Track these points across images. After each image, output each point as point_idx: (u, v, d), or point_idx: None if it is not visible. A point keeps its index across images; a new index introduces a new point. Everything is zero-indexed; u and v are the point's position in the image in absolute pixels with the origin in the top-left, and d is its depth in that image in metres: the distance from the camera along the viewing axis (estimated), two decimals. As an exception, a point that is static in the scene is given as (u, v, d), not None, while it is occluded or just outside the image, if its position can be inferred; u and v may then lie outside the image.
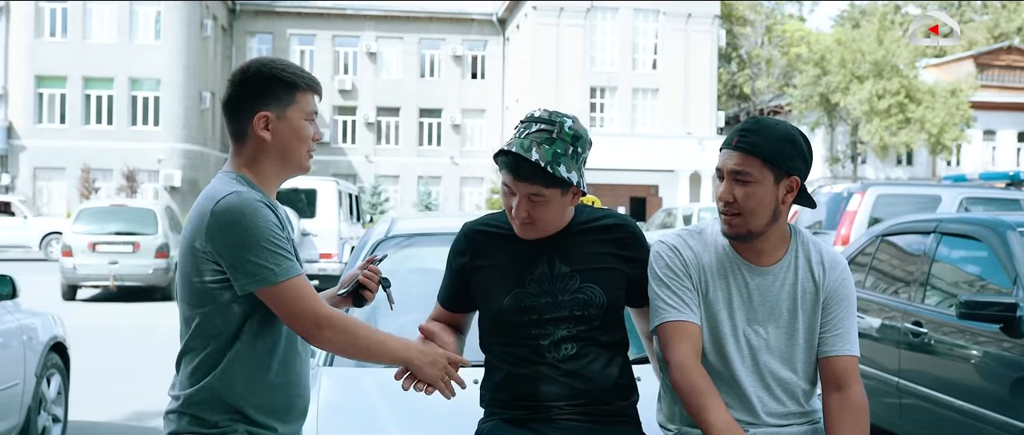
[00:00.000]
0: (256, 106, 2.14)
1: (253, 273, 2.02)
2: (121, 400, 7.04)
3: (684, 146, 35.22)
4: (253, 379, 2.09)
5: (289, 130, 2.16)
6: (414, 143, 41.42)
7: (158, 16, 35.38)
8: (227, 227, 2.02)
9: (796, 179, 2.25)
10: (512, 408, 2.33)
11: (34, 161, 35.07)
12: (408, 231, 3.79)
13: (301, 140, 2.18)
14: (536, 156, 2.15)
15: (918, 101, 34.46)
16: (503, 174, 2.23)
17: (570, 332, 2.29)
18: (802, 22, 54.83)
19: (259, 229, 2.03)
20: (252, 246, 2.01)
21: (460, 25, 41.77)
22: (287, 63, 2.20)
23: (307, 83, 2.18)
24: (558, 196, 2.23)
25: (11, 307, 5.15)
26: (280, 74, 2.15)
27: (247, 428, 2.09)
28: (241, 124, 2.15)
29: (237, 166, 2.17)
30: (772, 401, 2.31)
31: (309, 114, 2.19)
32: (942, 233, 5.20)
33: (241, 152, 2.17)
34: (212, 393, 2.07)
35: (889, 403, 5.08)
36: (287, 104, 2.15)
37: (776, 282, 2.32)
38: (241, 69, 2.17)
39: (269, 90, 2.14)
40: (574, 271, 2.30)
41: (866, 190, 10.11)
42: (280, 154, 2.17)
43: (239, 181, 2.12)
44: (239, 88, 2.16)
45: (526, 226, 2.27)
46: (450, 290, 2.44)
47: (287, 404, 2.17)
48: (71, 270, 14.08)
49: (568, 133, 2.20)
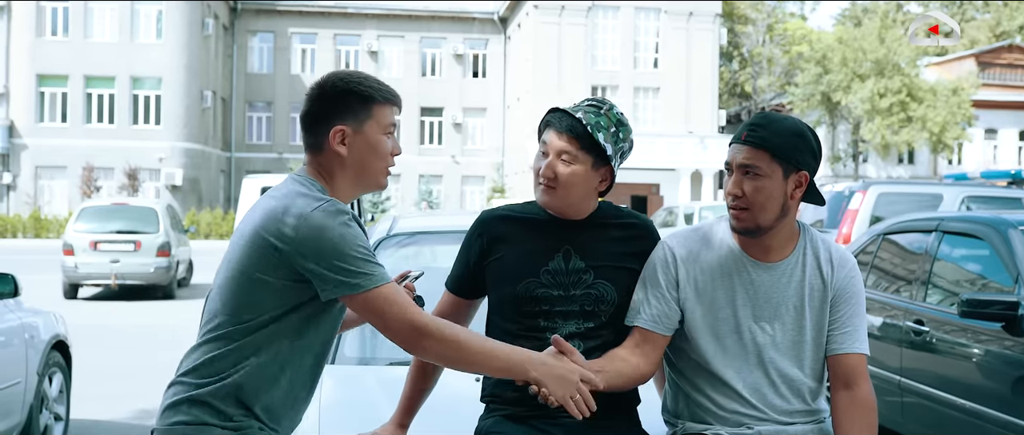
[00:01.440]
0: (333, 120, 2.11)
1: (345, 280, 2.00)
2: (123, 399, 7.04)
3: (685, 145, 35.21)
4: (276, 384, 2.08)
5: (366, 145, 2.12)
6: (415, 142, 41.43)
7: (159, 15, 35.41)
8: (321, 231, 1.99)
9: (805, 174, 2.26)
10: (513, 404, 2.32)
11: (36, 160, 35.10)
12: (410, 230, 3.79)
13: (379, 155, 2.14)
14: (580, 116, 2.27)
15: (920, 100, 34.44)
16: (545, 135, 2.30)
17: (578, 328, 2.30)
18: (804, 21, 54.80)
19: (353, 236, 2.01)
20: (345, 254, 1.99)
21: (461, 24, 41.77)
22: (364, 76, 2.16)
23: (384, 96, 2.14)
24: (589, 166, 2.27)
25: (13, 305, 5.15)
26: (356, 87, 2.12)
27: (259, 426, 2.08)
28: (318, 138, 2.12)
29: (313, 175, 2.15)
30: (777, 398, 2.31)
31: (387, 128, 2.14)
32: (944, 232, 5.20)
33: (317, 164, 2.15)
34: (234, 388, 2.05)
35: (891, 402, 5.07)
36: (364, 118, 2.11)
37: (783, 278, 2.32)
38: (318, 83, 2.14)
39: (346, 104, 2.11)
40: (589, 267, 2.32)
41: (867, 189, 10.11)
42: (356, 169, 2.14)
43: (319, 190, 2.10)
44: (316, 102, 2.13)
45: (548, 190, 2.29)
46: (461, 274, 2.44)
47: (292, 415, 2.16)
48: (72, 269, 14.08)
49: (614, 115, 2.31)
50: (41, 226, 32.46)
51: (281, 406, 2.12)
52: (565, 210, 2.33)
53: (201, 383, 2.05)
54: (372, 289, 2.00)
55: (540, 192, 2.32)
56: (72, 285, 14.38)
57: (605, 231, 2.36)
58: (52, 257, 17.42)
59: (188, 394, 2.06)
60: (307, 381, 2.17)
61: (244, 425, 2.06)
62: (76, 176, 34.29)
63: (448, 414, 2.57)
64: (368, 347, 3.30)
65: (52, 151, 34.85)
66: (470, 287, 2.44)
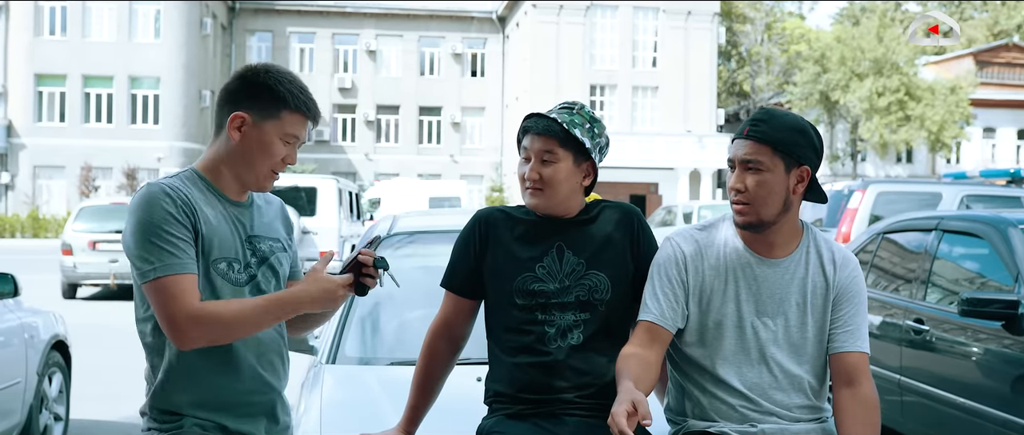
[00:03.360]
0: (240, 105, 2.11)
1: (136, 265, 2.00)
2: (122, 398, 7.03)
3: (684, 144, 35.22)
4: (194, 380, 2.08)
5: (258, 140, 2.09)
6: (414, 141, 41.42)
7: (158, 14, 35.38)
8: (129, 216, 2.02)
9: (806, 169, 2.27)
10: (516, 402, 2.33)
11: (34, 159, 35.07)
12: (410, 229, 3.79)
13: (266, 155, 2.10)
14: (555, 116, 2.35)
15: (918, 99, 34.46)
16: (524, 141, 2.37)
17: (577, 318, 2.33)
18: (802, 20, 54.80)
19: (153, 222, 1.98)
20: (140, 239, 1.98)
21: (460, 23, 41.75)
22: (291, 79, 2.13)
23: (298, 105, 2.11)
24: (570, 162, 2.33)
25: (13, 305, 5.15)
26: (275, 85, 2.10)
27: (194, 421, 2.09)
28: (222, 118, 2.13)
29: (200, 162, 2.16)
30: (780, 393, 2.32)
31: (288, 136, 2.11)
32: (943, 230, 5.20)
33: (213, 149, 2.15)
34: (163, 399, 2.10)
35: (891, 401, 5.07)
36: (269, 116, 2.10)
37: (786, 275, 2.33)
38: (247, 66, 2.15)
39: (258, 95, 2.10)
40: (582, 259, 2.36)
41: (867, 188, 10.13)
42: (241, 161, 2.11)
43: (181, 175, 2.11)
44: (235, 82, 2.14)
45: (535, 192, 2.35)
46: (461, 273, 2.45)
47: (235, 401, 2.13)
48: (71, 268, 14.06)
49: (586, 113, 2.40)
50: (39, 226, 32.43)
51: (218, 396, 2.11)
52: (554, 209, 2.38)
53: (145, 403, 2.14)
54: (153, 280, 1.97)
55: (528, 196, 2.38)
56: (71, 285, 14.37)
57: (593, 223, 2.40)
58: (50, 257, 17.41)
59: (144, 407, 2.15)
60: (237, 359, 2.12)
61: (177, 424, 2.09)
62: (74, 176, 34.26)
63: (451, 415, 2.58)
64: (369, 347, 3.31)
65: (50, 151, 34.82)
66: (471, 286, 2.45)
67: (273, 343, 2.21)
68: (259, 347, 2.17)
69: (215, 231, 2.09)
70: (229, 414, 2.12)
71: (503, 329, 2.37)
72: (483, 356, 2.51)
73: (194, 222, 2.04)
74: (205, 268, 2.07)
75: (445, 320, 2.47)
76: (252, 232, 2.19)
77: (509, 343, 2.36)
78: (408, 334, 3.26)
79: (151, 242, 1.97)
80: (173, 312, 1.96)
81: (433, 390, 2.48)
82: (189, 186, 2.09)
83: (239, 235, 2.15)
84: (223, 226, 2.12)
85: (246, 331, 2.06)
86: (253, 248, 2.17)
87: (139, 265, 1.99)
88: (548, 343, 2.32)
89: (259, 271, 2.17)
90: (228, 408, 2.12)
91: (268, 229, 2.24)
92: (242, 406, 2.14)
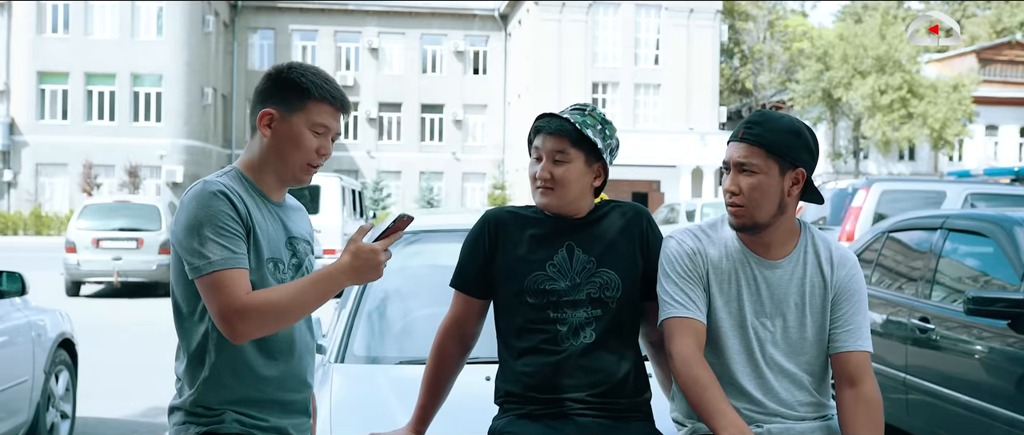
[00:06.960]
0: (267, 103, 2.15)
1: (189, 259, 2.01)
2: (127, 396, 7.05)
3: (686, 141, 35.19)
4: (239, 377, 2.10)
5: (288, 134, 2.13)
6: (416, 139, 41.42)
7: (160, 12, 35.37)
8: (181, 211, 2.04)
9: (802, 171, 2.28)
10: (527, 402, 2.33)
11: (36, 157, 35.09)
12: (413, 228, 3.79)
13: (299, 148, 2.13)
14: (567, 116, 2.37)
15: (920, 96, 34.42)
16: (536, 141, 2.37)
17: (589, 314, 2.33)
18: (804, 17, 54.74)
19: (209, 216, 2.00)
20: (194, 233, 2.00)
21: (462, 20, 41.73)
22: (315, 72, 2.16)
23: (323, 93, 2.14)
24: (581, 162, 2.35)
25: (20, 304, 5.16)
26: (299, 79, 2.14)
27: (234, 416, 2.10)
28: (254, 118, 2.17)
29: (241, 161, 2.19)
30: (781, 392, 2.33)
31: (316, 125, 2.14)
32: (949, 229, 5.21)
33: (250, 149, 2.19)
34: (204, 397, 2.10)
35: (896, 399, 5.08)
36: (296, 109, 2.13)
37: (785, 276, 2.34)
38: (274, 66, 2.19)
39: (284, 91, 2.14)
40: (592, 257, 2.36)
41: (871, 186, 10.10)
42: (276, 156, 2.15)
43: (229, 173, 2.14)
44: (263, 83, 2.18)
45: (546, 191, 2.35)
46: (470, 273, 2.45)
47: (276, 399, 2.16)
48: (75, 266, 14.10)
49: (598, 115, 2.41)
50: (42, 223, 32.48)
51: (263, 393, 2.13)
52: (564, 209, 2.38)
53: (182, 399, 2.14)
54: (209, 274, 1.98)
55: (539, 195, 2.38)
56: (74, 283, 14.41)
57: (603, 222, 2.41)
58: (53, 254, 17.43)
59: (177, 402, 2.15)
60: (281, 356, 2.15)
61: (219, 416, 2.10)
62: (77, 173, 34.28)
63: (460, 415, 2.58)
64: (377, 346, 3.31)
65: (53, 148, 34.84)
66: (480, 286, 2.45)
67: (308, 343, 2.25)
68: (299, 346, 2.20)
69: (264, 231, 2.13)
70: (270, 411, 2.15)
71: (514, 329, 2.37)
72: (492, 355, 2.51)
73: (248, 221, 2.08)
74: (257, 266, 2.09)
75: (455, 320, 2.48)
76: (291, 233, 2.23)
77: (520, 343, 2.36)
78: (416, 333, 3.27)
79: (207, 237, 1.99)
80: (229, 304, 1.97)
81: (443, 390, 2.49)
82: (238, 185, 2.12)
83: (282, 236, 2.20)
84: (269, 226, 2.16)
85: (300, 313, 2.06)
86: (293, 249, 2.22)
87: (193, 260, 2.00)
88: (560, 342, 2.32)
89: (297, 273, 2.22)
90: (268, 405, 2.14)
91: (302, 230, 2.29)
92: (283, 404, 2.17)
